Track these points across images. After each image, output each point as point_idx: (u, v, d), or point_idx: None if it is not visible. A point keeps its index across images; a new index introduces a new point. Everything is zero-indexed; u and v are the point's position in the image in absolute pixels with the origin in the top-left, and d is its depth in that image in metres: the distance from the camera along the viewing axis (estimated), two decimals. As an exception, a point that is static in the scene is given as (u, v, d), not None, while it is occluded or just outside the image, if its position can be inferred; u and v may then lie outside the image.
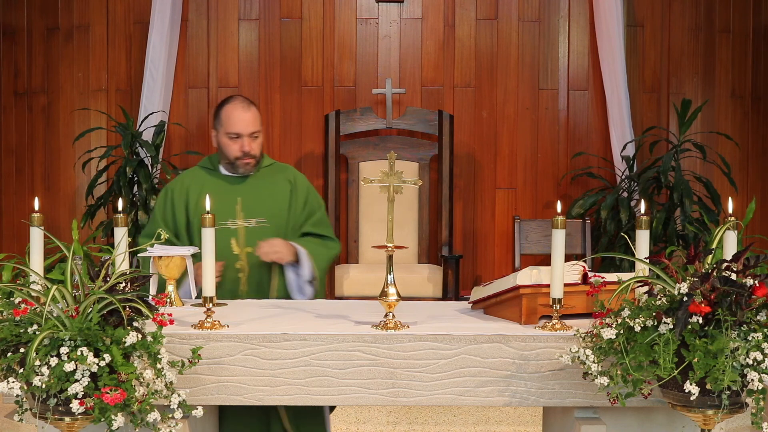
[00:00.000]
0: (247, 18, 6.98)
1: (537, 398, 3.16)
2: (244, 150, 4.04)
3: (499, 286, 3.41)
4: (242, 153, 4.05)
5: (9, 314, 2.87)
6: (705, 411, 2.84)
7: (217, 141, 4.11)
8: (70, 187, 7.08)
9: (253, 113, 4.07)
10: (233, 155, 4.06)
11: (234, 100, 4.11)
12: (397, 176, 3.32)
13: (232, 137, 4.04)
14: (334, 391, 3.15)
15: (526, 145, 7.02)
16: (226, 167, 4.13)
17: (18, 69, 7.12)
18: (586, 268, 3.37)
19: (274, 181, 4.17)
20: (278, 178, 4.18)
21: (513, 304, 3.35)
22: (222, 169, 4.15)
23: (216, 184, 4.07)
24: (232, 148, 4.05)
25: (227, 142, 4.06)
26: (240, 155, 4.05)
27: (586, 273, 3.34)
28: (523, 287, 3.29)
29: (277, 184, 4.16)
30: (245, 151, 4.05)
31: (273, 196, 4.13)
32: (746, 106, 7.11)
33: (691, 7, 7.02)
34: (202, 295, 3.22)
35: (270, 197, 4.12)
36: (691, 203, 6.42)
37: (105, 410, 2.71)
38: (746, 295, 2.77)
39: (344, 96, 6.99)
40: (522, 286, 3.29)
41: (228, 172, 4.13)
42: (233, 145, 4.05)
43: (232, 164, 4.09)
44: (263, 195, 4.11)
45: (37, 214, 3.20)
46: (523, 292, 3.29)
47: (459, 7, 6.98)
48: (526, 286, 3.29)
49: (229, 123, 4.04)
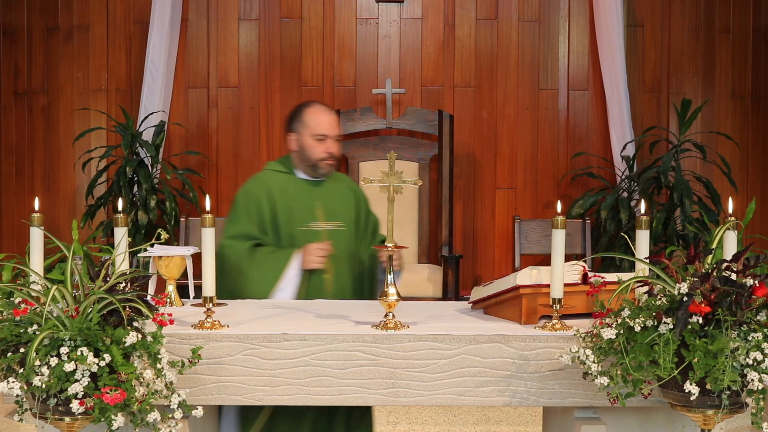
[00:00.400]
0: (247, 18, 6.98)
1: (537, 398, 3.16)
2: (329, 151, 4.08)
3: (499, 286, 3.42)
4: (327, 154, 4.08)
5: (9, 314, 2.87)
6: (705, 411, 2.84)
7: (298, 143, 4.11)
8: (70, 187, 7.08)
9: (335, 116, 4.16)
10: (318, 157, 4.08)
11: (316, 104, 4.18)
12: (397, 176, 3.32)
13: (319, 139, 4.07)
14: (334, 391, 3.15)
15: (526, 145, 7.02)
16: (304, 170, 4.14)
17: (18, 69, 7.13)
18: (586, 268, 3.37)
19: (342, 187, 4.22)
20: (344, 186, 4.25)
21: (513, 304, 3.35)
22: (298, 172, 4.16)
23: (295, 186, 4.11)
24: (318, 149, 4.08)
25: (313, 144, 4.08)
26: (325, 156, 4.08)
27: (586, 273, 3.34)
28: (523, 287, 3.29)
29: (345, 192, 4.22)
30: (330, 153, 4.08)
31: (345, 202, 4.18)
32: (746, 106, 7.11)
33: (691, 7, 7.02)
34: (202, 295, 3.22)
35: (344, 202, 4.17)
36: (691, 203, 6.42)
37: (105, 410, 2.71)
38: (746, 295, 2.77)
39: (344, 96, 6.99)
40: (522, 286, 3.29)
41: (305, 175, 4.15)
42: (319, 146, 4.07)
43: (313, 166, 4.10)
44: (338, 199, 4.17)
45: (37, 214, 3.20)
46: (523, 292, 3.29)
47: (459, 7, 6.98)
48: (526, 286, 3.30)
49: (316, 125, 4.08)
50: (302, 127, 4.10)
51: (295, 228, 4.03)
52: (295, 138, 4.12)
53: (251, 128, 7.01)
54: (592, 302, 3.06)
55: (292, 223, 4.04)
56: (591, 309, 3.05)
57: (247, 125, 7.01)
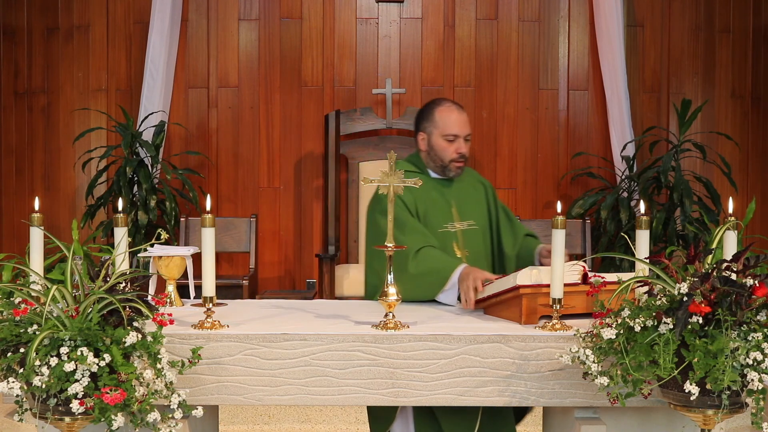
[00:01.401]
0: (247, 18, 6.98)
1: (537, 398, 3.16)
2: (459, 152, 4.00)
3: (499, 286, 3.42)
4: (457, 155, 4.00)
5: (9, 314, 2.87)
6: (705, 411, 2.84)
7: (428, 143, 4.04)
8: (70, 187, 7.08)
9: (466, 115, 4.05)
10: (448, 157, 4.00)
11: (447, 102, 4.08)
12: (397, 176, 3.32)
13: (449, 139, 3.99)
14: (334, 391, 3.15)
15: (526, 145, 7.02)
16: (435, 170, 4.07)
17: (18, 69, 7.12)
18: (586, 268, 3.37)
19: (472, 185, 4.15)
20: (473, 181, 4.17)
21: (513, 304, 3.35)
22: (430, 172, 4.08)
23: (429, 187, 4.02)
24: (448, 150, 4.00)
25: (443, 144, 4.00)
26: (455, 157, 4.00)
27: (586, 273, 3.34)
28: (523, 287, 3.29)
29: (475, 188, 4.15)
30: (460, 153, 4.01)
31: (476, 200, 4.11)
32: (746, 106, 7.11)
33: (691, 7, 7.02)
34: (202, 295, 3.22)
35: (475, 200, 4.11)
36: (691, 203, 6.41)
37: (105, 410, 2.71)
38: (746, 295, 2.77)
39: (344, 96, 6.99)
40: (522, 286, 3.30)
41: (437, 174, 4.07)
42: (449, 147, 3.99)
43: (444, 167, 4.03)
44: (470, 198, 4.10)
45: (37, 214, 3.20)
46: (524, 292, 3.29)
47: (459, 7, 6.98)
48: (527, 286, 3.30)
49: (446, 125, 3.99)
50: (432, 126, 4.02)
51: (435, 230, 3.93)
52: (423, 138, 4.05)
53: (251, 128, 7.01)
54: (592, 302, 3.06)
55: (431, 225, 3.94)
56: (591, 309, 3.06)
57: (247, 125, 7.01)
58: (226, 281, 6.42)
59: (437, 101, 4.11)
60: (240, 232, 6.77)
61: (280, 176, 7.01)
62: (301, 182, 7.00)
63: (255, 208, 6.96)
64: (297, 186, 7.00)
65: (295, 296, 6.61)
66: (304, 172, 6.99)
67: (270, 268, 7.01)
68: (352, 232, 6.82)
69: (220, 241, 6.64)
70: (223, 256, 6.98)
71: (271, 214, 7.01)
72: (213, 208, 3.33)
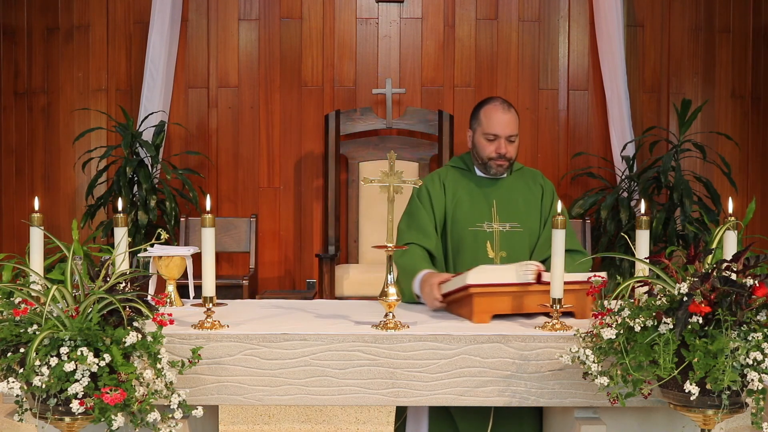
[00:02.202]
0: (247, 18, 6.98)
1: (537, 398, 3.16)
2: (499, 152, 3.96)
3: (452, 285, 3.44)
4: (497, 154, 3.96)
5: (9, 314, 2.87)
6: (705, 411, 2.84)
7: (472, 140, 4.03)
8: (70, 187, 7.08)
9: (512, 116, 4.00)
10: (487, 156, 3.97)
11: (495, 101, 4.04)
12: (397, 176, 3.32)
13: (489, 138, 3.95)
14: (334, 391, 3.15)
15: (526, 145, 7.02)
16: (479, 168, 4.04)
17: (18, 69, 7.13)
18: (541, 268, 3.38)
19: (526, 186, 4.08)
20: (529, 182, 4.10)
21: (466, 303, 3.39)
22: (476, 170, 4.06)
23: (471, 184, 4.01)
24: (488, 148, 3.96)
25: (483, 143, 3.97)
26: (494, 156, 3.96)
27: (541, 273, 3.36)
28: (473, 286, 3.31)
29: (530, 189, 4.08)
30: (500, 153, 3.96)
31: (526, 201, 4.04)
32: (746, 106, 7.11)
33: (691, 7, 7.02)
34: (202, 295, 3.22)
35: (523, 202, 4.03)
36: (691, 203, 6.41)
37: (105, 410, 2.71)
38: (746, 295, 2.77)
39: (344, 96, 6.99)
40: (472, 286, 3.31)
41: (482, 173, 4.04)
42: (489, 146, 3.96)
43: (485, 165, 4.00)
44: (517, 199, 4.03)
45: (37, 214, 3.20)
46: (474, 291, 3.31)
47: (459, 7, 6.98)
48: (477, 286, 3.31)
49: (488, 123, 3.96)
50: (477, 124, 4.00)
51: (465, 228, 3.91)
52: (470, 135, 4.04)
53: (251, 128, 7.01)
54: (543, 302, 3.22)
55: (462, 223, 3.92)
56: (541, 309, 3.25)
57: (247, 125, 7.01)
58: (226, 281, 6.42)
59: (488, 99, 4.08)
60: (240, 232, 6.77)
61: (280, 176, 7.01)
62: (301, 182, 7.00)
63: (255, 208, 6.96)
64: (297, 186, 7.00)
65: (295, 296, 6.61)
66: (304, 172, 6.99)
67: (270, 268, 7.02)
68: (352, 232, 6.82)
69: (220, 241, 6.64)
70: (223, 256, 6.98)
71: (271, 214, 7.01)
72: (213, 208, 3.33)
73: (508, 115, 3.97)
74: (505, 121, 3.96)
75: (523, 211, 4.00)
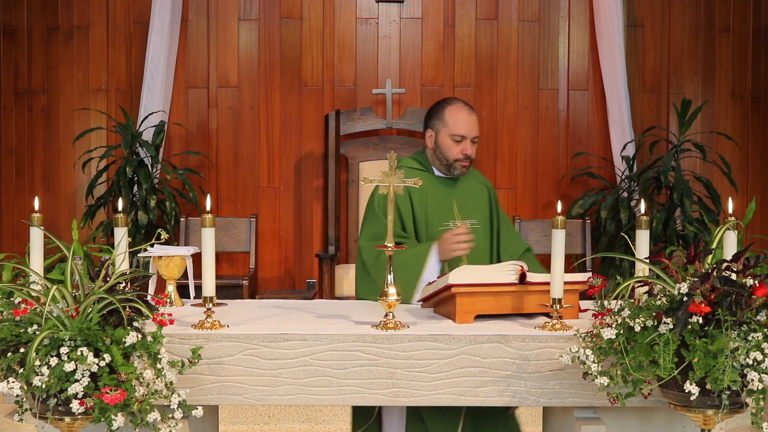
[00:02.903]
0: (247, 18, 6.98)
1: (537, 398, 3.16)
2: (465, 153, 4.02)
3: (438, 284, 3.45)
4: (463, 156, 4.02)
5: (9, 314, 2.87)
6: (705, 411, 2.84)
7: (435, 141, 4.07)
8: (70, 187, 7.08)
9: (475, 117, 4.07)
10: (453, 157, 4.02)
11: (458, 102, 4.09)
12: (397, 176, 3.33)
13: (456, 139, 4.00)
14: (334, 391, 3.15)
15: (526, 145, 7.02)
16: (440, 168, 4.09)
17: (18, 69, 7.12)
18: (524, 268, 3.38)
19: (476, 185, 4.16)
20: (476, 181, 4.18)
21: (449, 303, 3.39)
22: (434, 170, 4.11)
23: (433, 184, 4.05)
24: (454, 150, 4.02)
25: (450, 144, 4.02)
26: (461, 157, 4.02)
27: (524, 273, 3.36)
28: (455, 286, 3.31)
29: (479, 188, 4.16)
30: (466, 154, 4.02)
31: (479, 199, 4.13)
32: (746, 106, 7.11)
33: (691, 7, 7.02)
34: (202, 295, 3.22)
35: (477, 200, 4.12)
36: (691, 203, 6.41)
37: (105, 410, 2.71)
38: (746, 295, 2.77)
39: (344, 96, 6.99)
40: (454, 286, 3.31)
41: (441, 173, 4.09)
42: (456, 147, 4.01)
43: (448, 166, 4.05)
44: (472, 198, 4.11)
45: (37, 214, 3.20)
46: (456, 291, 3.31)
47: (459, 7, 6.98)
48: (459, 285, 3.31)
49: (455, 125, 4.01)
50: (441, 125, 4.04)
51: (435, 228, 3.96)
52: (431, 135, 4.07)
53: (251, 128, 7.01)
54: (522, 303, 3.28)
55: (431, 223, 3.97)
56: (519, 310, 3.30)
57: (247, 125, 7.01)
58: (226, 281, 6.42)
59: (449, 100, 4.12)
60: (240, 232, 6.77)
61: (280, 176, 7.01)
62: (301, 182, 7.00)
63: (255, 208, 6.96)
64: (297, 186, 7.00)
65: (295, 296, 6.61)
66: (304, 172, 6.99)
67: (270, 268, 7.01)
68: (352, 232, 6.82)
69: (220, 241, 6.64)
70: (223, 256, 6.98)
71: (271, 214, 7.01)
72: (213, 208, 3.33)
73: (473, 117, 4.05)
74: (471, 123, 4.03)
75: (479, 210, 4.09)
